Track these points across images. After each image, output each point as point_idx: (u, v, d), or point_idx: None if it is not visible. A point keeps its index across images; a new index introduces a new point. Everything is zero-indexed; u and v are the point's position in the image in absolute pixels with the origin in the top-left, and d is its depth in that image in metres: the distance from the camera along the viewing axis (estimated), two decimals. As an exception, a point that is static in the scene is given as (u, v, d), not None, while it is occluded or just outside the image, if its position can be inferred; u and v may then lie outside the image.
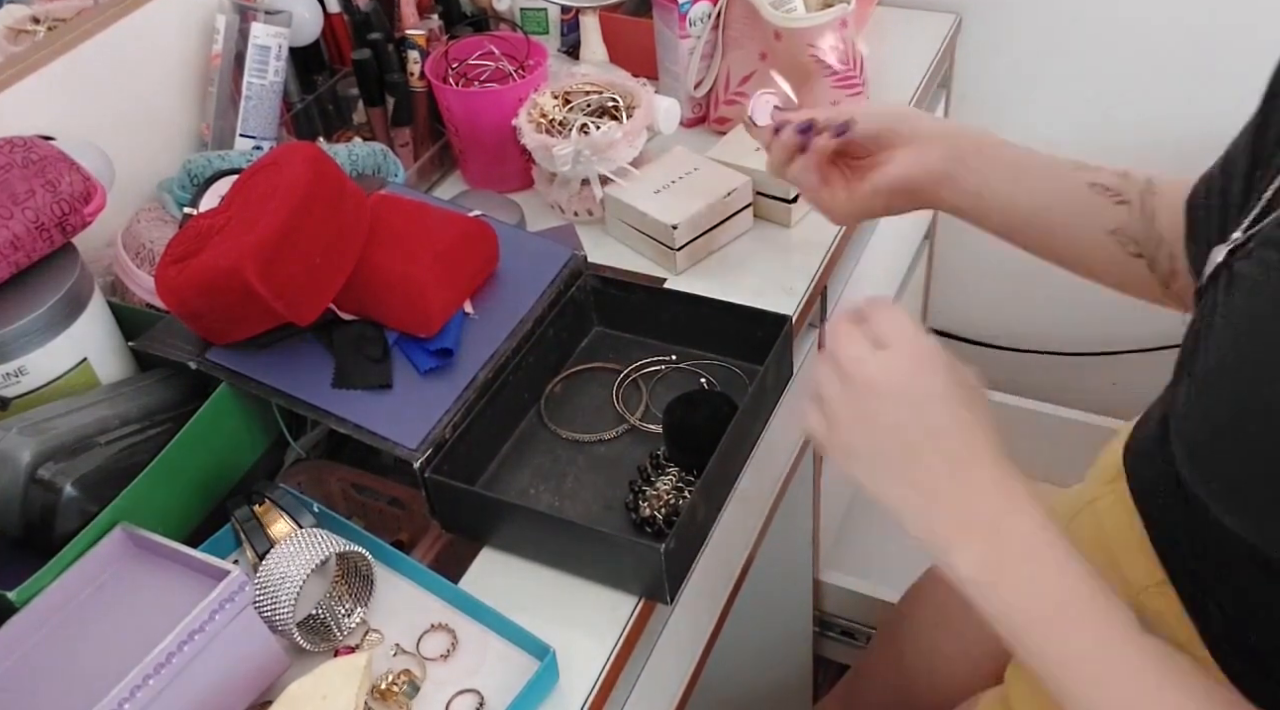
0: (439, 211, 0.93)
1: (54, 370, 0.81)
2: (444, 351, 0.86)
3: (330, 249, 0.82)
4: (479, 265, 0.91)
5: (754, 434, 0.92)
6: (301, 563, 0.74)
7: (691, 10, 1.17)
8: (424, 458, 0.81)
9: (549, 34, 1.34)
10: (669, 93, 1.21)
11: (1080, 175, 0.80)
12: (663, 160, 1.10)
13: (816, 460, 1.29)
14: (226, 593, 0.69)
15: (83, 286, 0.84)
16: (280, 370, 0.85)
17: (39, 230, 0.81)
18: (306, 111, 1.23)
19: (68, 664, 0.70)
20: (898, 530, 0.61)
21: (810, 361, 1.15)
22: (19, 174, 0.82)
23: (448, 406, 0.84)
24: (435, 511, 0.84)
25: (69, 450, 0.77)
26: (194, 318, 0.83)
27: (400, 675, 0.75)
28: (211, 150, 1.09)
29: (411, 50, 1.18)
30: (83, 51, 1.00)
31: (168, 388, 0.86)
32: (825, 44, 1.10)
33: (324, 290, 0.82)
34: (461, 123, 1.15)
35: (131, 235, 0.98)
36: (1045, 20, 1.44)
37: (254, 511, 0.82)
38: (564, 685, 0.75)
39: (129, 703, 0.63)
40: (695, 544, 0.83)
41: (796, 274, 1.04)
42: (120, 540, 0.76)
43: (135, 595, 0.74)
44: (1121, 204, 0.78)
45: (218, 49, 1.09)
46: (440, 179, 1.22)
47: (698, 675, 1.00)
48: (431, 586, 0.81)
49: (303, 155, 0.82)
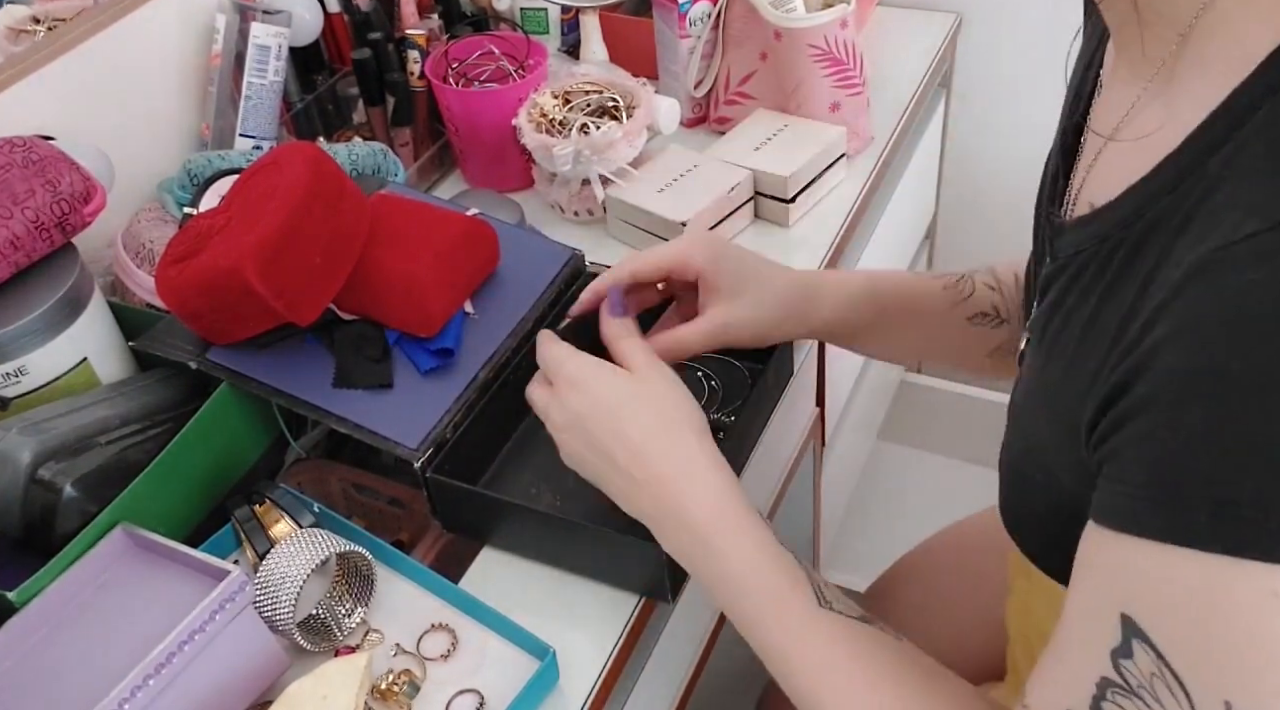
0: (439, 211, 0.93)
1: (54, 370, 0.81)
2: (444, 351, 0.86)
3: (330, 249, 0.82)
4: (479, 265, 0.91)
5: (754, 434, 0.92)
6: (302, 563, 0.74)
7: (691, 10, 1.17)
8: (425, 457, 0.81)
9: (549, 34, 1.34)
10: (669, 93, 1.21)
11: (957, 311, 0.80)
12: (661, 159, 1.10)
13: (816, 460, 1.29)
14: (227, 593, 0.69)
15: (83, 286, 0.84)
16: (280, 370, 0.85)
17: (39, 230, 0.81)
18: (306, 111, 1.23)
19: (68, 664, 0.70)
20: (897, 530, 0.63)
21: (809, 362, 1.16)
22: (19, 174, 0.82)
23: (448, 406, 0.84)
24: (436, 511, 0.84)
25: (69, 450, 0.77)
26: (194, 318, 0.83)
27: (400, 675, 0.75)
28: (211, 150, 1.09)
29: (411, 50, 1.18)
30: (83, 51, 1.00)
31: (168, 387, 0.86)
32: (825, 44, 1.10)
33: (324, 290, 0.82)
34: (461, 122, 1.15)
35: (131, 235, 0.98)
36: (1045, 20, 1.44)
37: (254, 511, 0.82)
38: (564, 685, 0.75)
39: (129, 703, 0.63)
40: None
41: (796, 274, 1.04)
42: (120, 540, 0.76)
43: (135, 595, 0.74)
44: (1001, 325, 0.80)
45: (218, 49, 1.09)
46: (440, 179, 1.23)
47: (698, 674, 1.00)
48: (431, 586, 0.81)
49: (303, 155, 0.82)
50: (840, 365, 1.30)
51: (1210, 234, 0.42)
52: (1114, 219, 0.51)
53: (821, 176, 1.11)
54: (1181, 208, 0.46)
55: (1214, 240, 0.42)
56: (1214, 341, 0.40)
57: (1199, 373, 0.41)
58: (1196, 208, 0.45)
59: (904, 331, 0.82)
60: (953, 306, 0.80)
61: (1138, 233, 0.48)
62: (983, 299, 0.80)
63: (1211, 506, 0.40)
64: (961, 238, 1.71)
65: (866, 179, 1.15)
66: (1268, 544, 0.39)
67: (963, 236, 1.71)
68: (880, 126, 1.21)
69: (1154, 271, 0.46)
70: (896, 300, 0.82)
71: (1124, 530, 0.44)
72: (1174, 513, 0.41)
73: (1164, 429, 0.42)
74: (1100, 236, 0.51)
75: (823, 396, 1.24)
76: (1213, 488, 0.40)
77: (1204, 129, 0.46)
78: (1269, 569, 0.39)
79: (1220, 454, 0.40)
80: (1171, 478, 0.41)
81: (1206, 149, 0.45)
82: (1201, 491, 0.40)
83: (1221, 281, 0.41)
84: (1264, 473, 0.39)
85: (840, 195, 1.13)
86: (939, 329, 0.81)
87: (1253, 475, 0.39)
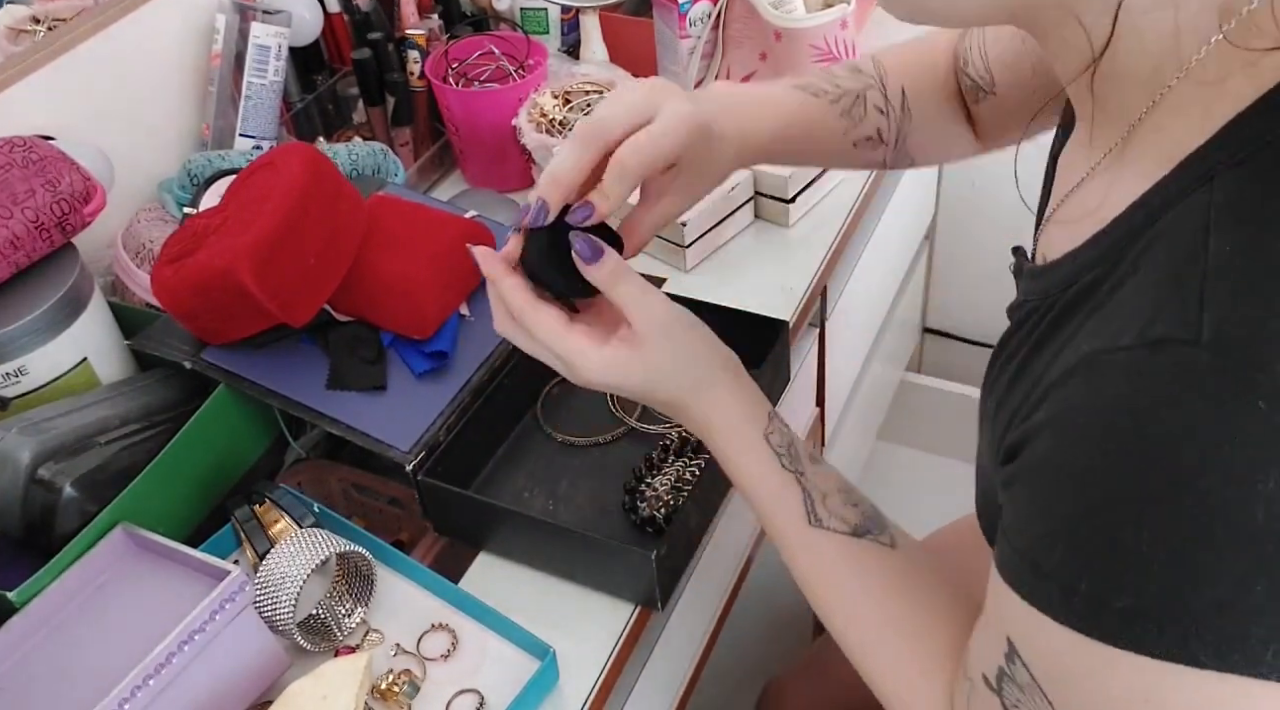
0: (436, 213, 0.93)
1: (54, 370, 0.82)
2: (439, 354, 0.86)
3: (325, 250, 0.82)
4: (476, 267, 0.91)
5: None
6: (302, 563, 0.74)
7: (691, 10, 1.17)
8: (417, 460, 0.81)
9: (549, 34, 1.34)
10: (669, 92, 1.21)
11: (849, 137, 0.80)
12: (662, 160, 1.10)
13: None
14: (227, 593, 0.69)
15: (83, 286, 0.84)
16: (275, 371, 0.85)
17: (39, 230, 0.81)
18: (306, 111, 1.23)
19: (68, 664, 0.70)
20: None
21: (809, 362, 1.16)
22: (19, 174, 0.82)
23: (441, 409, 0.84)
24: (428, 514, 0.84)
25: (69, 450, 0.77)
26: (189, 317, 0.83)
27: (400, 675, 0.75)
28: (211, 150, 1.09)
29: (411, 50, 1.18)
30: (83, 51, 1.00)
31: (168, 387, 0.86)
32: (825, 44, 1.10)
33: (318, 291, 0.82)
34: (461, 122, 1.15)
35: (131, 235, 0.98)
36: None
37: (254, 511, 0.82)
38: (564, 685, 0.75)
39: (129, 703, 0.64)
40: (688, 550, 0.83)
41: (796, 273, 1.04)
42: (120, 540, 0.76)
43: (135, 595, 0.74)
44: (879, 147, 0.82)
45: (218, 49, 1.09)
46: (440, 178, 1.23)
47: (698, 676, 1.00)
48: (431, 586, 0.81)
49: (300, 156, 0.82)
50: (840, 365, 1.30)
51: (1104, 330, 0.46)
52: (1055, 278, 0.53)
53: (821, 176, 1.11)
54: (1101, 287, 0.48)
55: (1102, 340, 0.45)
56: (1077, 445, 0.45)
57: (1062, 470, 0.45)
58: (1109, 295, 0.47)
59: (802, 154, 0.82)
60: (845, 132, 0.80)
61: (1069, 299, 0.51)
62: (871, 124, 0.81)
63: (1060, 587, 0.45)
64: (961, 238, 1.71)
65: (867, 179, 1.15)
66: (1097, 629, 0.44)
67: (962, 236, 1.71)
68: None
69: (1066, 344, 0.49)
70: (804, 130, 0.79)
71: (1005, 580, 0.49)
72: (1035, 582, 0.47)
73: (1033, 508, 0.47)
74: (1044, 292, 0.54)
75: (823, 396, 1.24)
76: (1061, 574, 0.45)
77: (1127, 214, 0.48)
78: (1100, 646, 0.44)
79: (1067, 548, 0.45)
80: (1035, 552, 0.47)
81: (1128, 234, 0.48)
82: (1053, 573, 0.46)
83: (1097, 384, 0.44)
84: (1098, 574, 0.44)
85: (840, 195, 1.13)
86: (831, 150, 0.81)
87: (1090, 574, 0.44)
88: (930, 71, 0.83)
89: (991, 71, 0.79)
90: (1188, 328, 0.41)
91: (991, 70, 0.79)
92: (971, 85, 0.82)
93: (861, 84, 0.81)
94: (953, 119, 0.84)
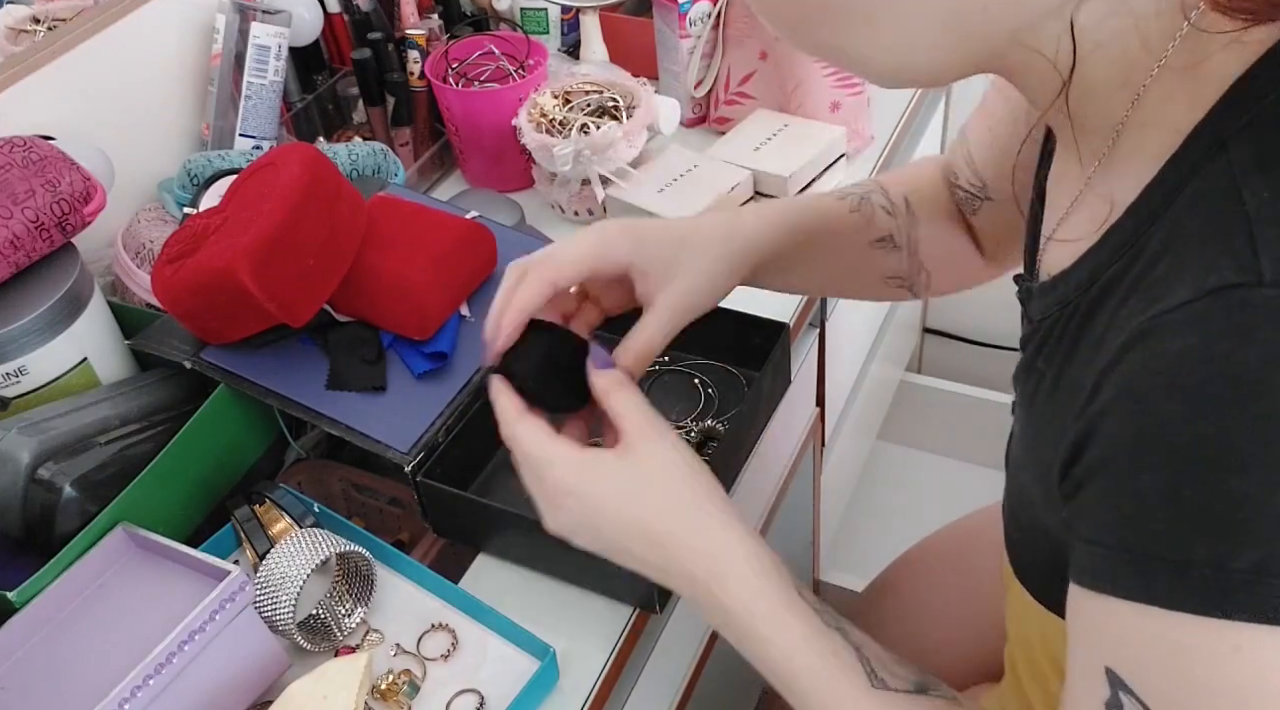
0: (437, 214, 0.93)
1: (54, 370, 0.82)
2: (439, 354, 0.86)
3: (325, 250, 0.82)
4: (477, 268, 0.91)
5: (751, 439, 0.91)
6: (302, 563, 0.74)
7: (691, 10, 1.17)
8: (415, 461, 0.81)
9: (549, 34, 1.34)
10: (669, 93, 1.21)
11: (863, 235, 0.80)
12: (661, 160, 1.10)
13: (816, 461, 1.29)
14: (227, 593, 0.69)
15: (83, 286, 0.84)
16: (274, 371, 0.85)
17: (39, 230, 0.81)
18: (306, 111, 1.23)
19: (68, 664, 0.70)
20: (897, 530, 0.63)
21: (809, 362, 1.16)
22: (19, 174, 0.82)
23: (441, 410, 0.84)
24: (427, 515, 0.84)
25: (69, 450, 0.77)
26: (188, 317, 0.83)
27: (400, 675, 0.75)
28: (211, 150, 1.09)
29: (411, 50, 1.18)
30: (83, 51, 1.00)
31: (168, 387, 0.86)
32: (825, 44, 1.10)
33: (318, 292, 0.82)
34: (461, 122, 1.15)
35: (131, 235, 0.98)
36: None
37: (254, 511, 0.82)
38: (564, 685, 0.75)
39: (129, 703, 0.64)
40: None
41: (796, 274, 1.04)
42: (120, 540, 0.76)
43: (135, 595, 0.74)
44: (895, 250, 0.81)
45: (218, 49, 1.09)
46: (440, 179, 1.23)
47: (699, 674, 1.00)
48: (431, 586, 0.81)
49: (300, 156, 0.82)
50: (840, 365, 1.30)
51: (1149, 305, 0.44)
52: (1072, 284, 0.53)
53: (821, 176, 1.11)
54: (1127, 276, 0.48)
55: (1153, 309, 0.43)
56: (1153, 409, 0.42)
57: (1142, 440, 0.42)
58: (1140, 280, 0.46)
59: (822, 259, 0.80)
60: (858, 231, 0.79)
61: (1092, 297, 0.51)
62: (882, 224, 0.80)
63: (1170, 567, 0.42)
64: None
65: (866, 179, 1.15)
66: (1223, 602, 0.40)
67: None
68: (880, 126, 1.21)
69: (1104, 335, 0.48)
70: (814, 228, 0.78)
71: (1098, 589, 0.45)
72: (1138, 573, 0.43)
73: (1118, 494, 0.44)
74: (1062, 302, 0.54)
75: (822, 397, 1.24)
76: (1168, 550, 0.42)
77: (1142, 198, 0.48)
78: (1227, 625, 0.40)
79: (1170, 519, 0.41)
80: (1131, 540, 0.43)
81: (1147, 218, 0.47)
82: (1159, 553, 0.42)
83: (1160, 346, 0.42)
84: (1212, 534, 0.40)
85: (840, 195, 1.12)
86: (848, 253, 0.80)
87: (1202, 537, 0.41)
88: (928, 183, 0.83)
89: (982, 176, 0.79)
90: (1246, 272, 0.40)
91: (981, 175, 0.79)
92: (966, 197, 0.81)
93: (863, 189, 0.81)
94: (956, 232, 0.83)
